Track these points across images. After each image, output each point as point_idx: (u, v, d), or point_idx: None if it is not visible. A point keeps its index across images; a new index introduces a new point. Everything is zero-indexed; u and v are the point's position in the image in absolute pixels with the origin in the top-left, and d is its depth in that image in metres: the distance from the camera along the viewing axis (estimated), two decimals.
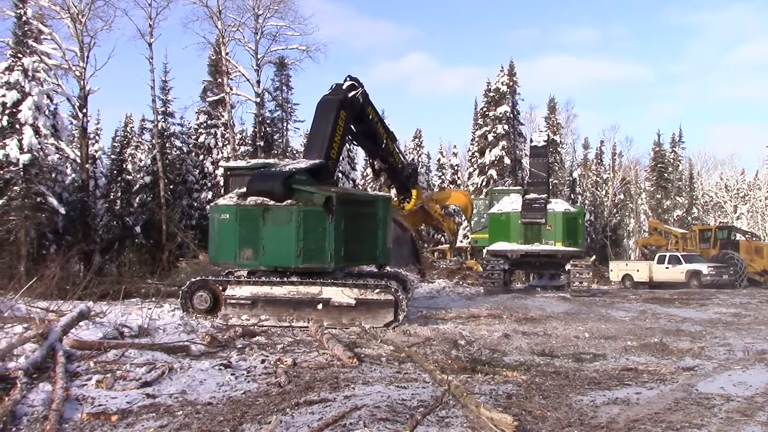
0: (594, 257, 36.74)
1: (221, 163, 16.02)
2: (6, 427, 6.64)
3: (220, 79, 41.30)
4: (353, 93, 17.43)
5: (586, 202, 61.71)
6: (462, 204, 34.81)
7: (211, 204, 16.18)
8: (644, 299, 24.68)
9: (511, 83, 55.24)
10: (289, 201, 14.88)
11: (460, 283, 31.27)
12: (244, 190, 15.29)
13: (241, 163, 16.23)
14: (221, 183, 29.30)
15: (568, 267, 26.37)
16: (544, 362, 10.84)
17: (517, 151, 55.16)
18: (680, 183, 69.30)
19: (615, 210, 65.56)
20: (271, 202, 14.88)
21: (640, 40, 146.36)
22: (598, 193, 65.84)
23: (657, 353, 11.81)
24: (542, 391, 8.56)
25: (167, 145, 40.56)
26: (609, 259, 46.07)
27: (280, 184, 14.77)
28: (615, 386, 8.93)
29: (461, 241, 55.36)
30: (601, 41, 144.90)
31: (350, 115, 17.40)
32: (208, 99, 43.64)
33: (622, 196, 67.03)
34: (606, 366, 10.55)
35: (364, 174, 66.06)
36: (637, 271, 35.33)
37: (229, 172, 16.05)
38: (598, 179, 66.81)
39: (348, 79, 17.82)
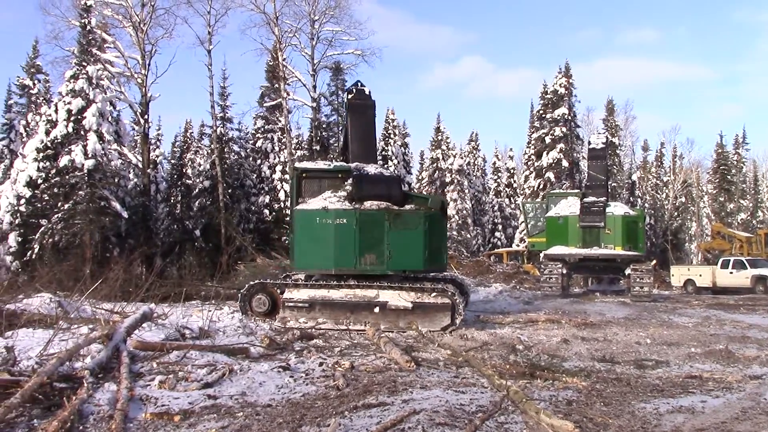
0: (654, 261, 35.97)
1: (296, 164, 15.65)
2: (74, 426, 6.82)
3: (276, 85, 41.74)
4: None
5: (646, 205, 60.42)
6: None
7: (318, 209, 15.06)
8: (708, 305, 24.06)
9: (568, 85, 54.51)
10: (411, 205, 15.21)
11: (517, 287, 31.01)
12: (342, 193, 15.24)
13: (318, 165, 16.04)
14: (280, 185, 29.59)
15: (627, 271, 25.92)
16: (605, 368, 10.65)
17: (575, 154, 54.36)
18: (744, 185, 67.42)
19: (676, 213, 64.01)
20: (397, 207, 15.15)
21: (702, 41, 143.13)
22: (659, 196, 64.40)
23: (722, 361, 11.49)
24: (603, 397, 8.40)
25: (225, 150, 41.17)
26: (670, 264, 45.04)
27: (399, 188, 14.96)
28: (679, 394, 8.71)
29: (518, 245, 54.90)
30: (662, 42, 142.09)
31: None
32: (265, 104, 44.15)
33: (683, 199, 65.40)
34: (669, 373, 10.30)
35: (419, 177, 66.08)
36: (700, 275, 34.41)
37: (304, 174, 15.70)
38: (658, 182, 65.34)
39: (361, 84, 17.99)
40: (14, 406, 6.98)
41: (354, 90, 17.47)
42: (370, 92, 17.23)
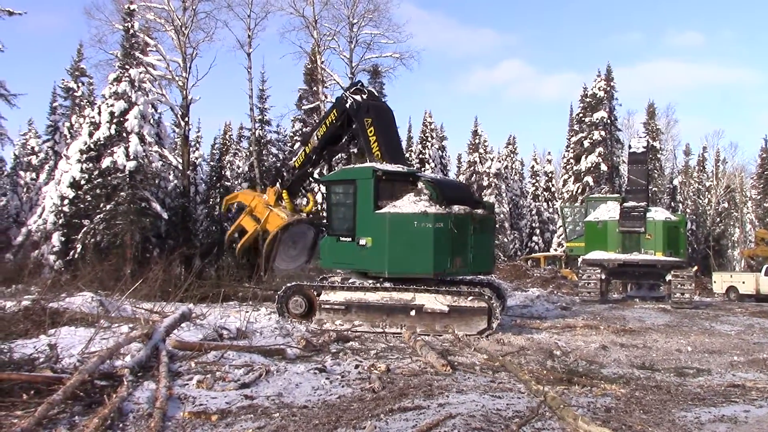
0: (696, 268, 35.30)
1: (374, 167, 15.45)
2: (114, 423, 6.93)
3: (315, 88, 41.94)
4: None
5: (688, 210, 59.45)
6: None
7: (416, 212, 14.76)
8: (751, 312, 23.57)
9: (608, 88, 53.87)
10: (481, 209, 15.53)
11: (555, 292, 30.74)
12: (424, 197, 15.19)
13: (393, 168, 16.08)
14: (317, 188, 29.61)
15: (668, 277, 25.49)
16: (645, 375, 10.50)
17: (615, 158, 53.67)
18: None
19: (718, 219, 62.89)
20: (478, 210, 15.42)
21: (748, 44, 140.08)
22: (701, 201, 63.33)
23: (766, 370, 11.25)
24: (643, 405, 8.28)
25: (264, 152, 41.49)
26: (712, 270, 44.20)
27: (472, 192, 15.04)
28: (721, 403, 8.55)
29: (555, 250, 54.41)
30: (707, 45, 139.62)
31: None
32: (303, 107, 44.38)
33: (726, 205, 64.22)
34: (711, 381, 10.12)
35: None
36: (743, 282, 33.68)
37: (385, 176, 15.38)
38: (700, 187, 64.25)
39: (361, 85, 18.15)
40: (56, 403, 7.11)
41: (362, 89, 17.51)
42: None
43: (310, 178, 21.24)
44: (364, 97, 17.11)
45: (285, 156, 41.23)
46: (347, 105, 17.05)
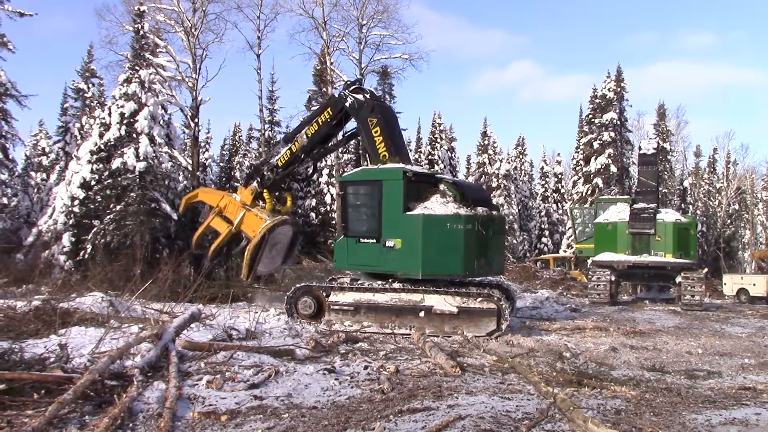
0: (706, 269, 35.15)
1: (403, 168, 15.44)
2: (124, 423, 6.95)
3: (324, 89, 41.96)
4: None
5: (698, 212, 59.19)
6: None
7: (450, 214, 14.78)
8: (762, 315, 23.42)
9: (618, 89, 53.72)
10: (496, 211, 15.73)
11: (564, 293, 30.62)
12: (449, 198, 15.26)
13: (421, 170, 16.12)
14: (326, 189, 29.74)
15: (678, 279, 25.37)
16: (655, 378, 10.46)
17: (624, 159, 53.52)
18: None
19: (729, 221, 62.60)
20: (494, 212, 15.59)
21: (761, 45, 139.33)
22: (711, 202, 63.05)
23: None
24: (653, 407, 8.24)
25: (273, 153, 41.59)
26: (722, 272, 43.98)
27: (489, 194, 15.17)
28: (732, 406, 8.50)
29: (565, 251, 54.26)
30: (719, 46, 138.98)
31: None
32: (313, 108, 44.48)
33: (736, 206, 63.91)
34: (722, 384, 10.07)
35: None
36: (754, 285, 33.49)
37: (414, 177, 15.34)
38: (710, 188, 63.98)
39: (360, 84, 18.11)
40: (67, 402, 7.15)
41: (362, 89, 17.38)
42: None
43: (289, 178, 20.49)
44: (366, 96, 16.97)
45: (260, 155, 41.05)
46: (347, 104, 16.88)
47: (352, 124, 17.74)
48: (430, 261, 14.73)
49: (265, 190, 19.05)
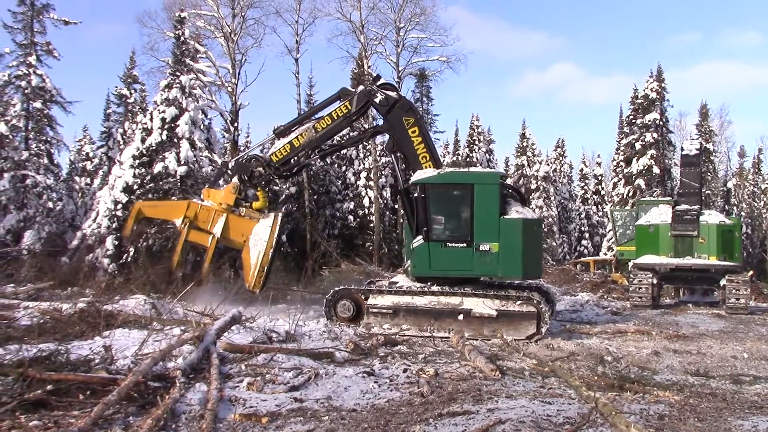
0: (752, 272, 34.38)
1: (500, 174, 15.74)
2: (167, 424, 7.05)
3: None
4: None
5: (742, 213, 58.06)
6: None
7: (535, 218, 15.56)
8: None
9: (660, 89, 52.92)
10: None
11: (605, 297, 30.25)
12: (515, 201, 15.59)
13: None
14: (364, 192, 29.82)
15: (723, 282, 24.86)
16: (699, 382, 10.27)
17: (666, 160, 52.68)
18: None
19: None
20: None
21: None
22: (756, 204, 61.76)
23: None
24: (697, 413, 8.10)
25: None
26: None
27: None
28: None
29: (605, 254, 53.60)
30: (764, 45, 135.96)
31: None
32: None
33: None
34: None
35: None
36: None
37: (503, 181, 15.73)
38: (755, 189, 62.67)
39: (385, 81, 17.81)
40: (111, 404, 7.27)
41: (388, 85, 17.20)
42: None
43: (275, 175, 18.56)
44: (393, 94, 16.70)
45: (242, 152, 40.86)
46: (376, 100, 16.44)
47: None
48: (528, 264, 14.95)
49: (258, 189, 18.45)
